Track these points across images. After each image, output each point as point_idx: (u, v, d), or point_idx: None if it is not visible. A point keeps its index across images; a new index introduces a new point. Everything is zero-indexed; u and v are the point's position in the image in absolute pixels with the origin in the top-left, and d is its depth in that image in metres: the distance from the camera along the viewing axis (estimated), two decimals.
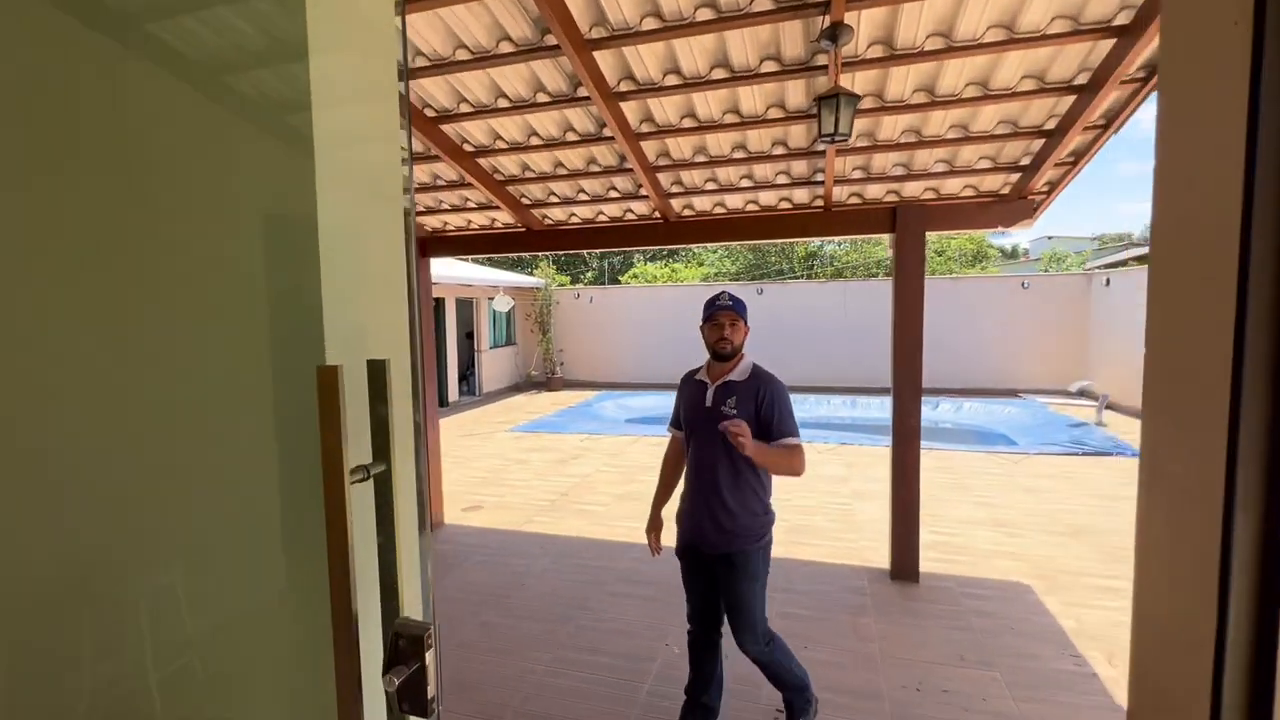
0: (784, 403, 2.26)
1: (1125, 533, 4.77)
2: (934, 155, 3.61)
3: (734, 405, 2.26)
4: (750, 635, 2.33)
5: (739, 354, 2.36)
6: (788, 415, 2.26)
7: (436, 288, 11.23)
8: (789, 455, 2.23)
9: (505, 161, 4.02)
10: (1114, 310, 10.69)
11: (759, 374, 2.31)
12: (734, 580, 2.30)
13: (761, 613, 2.35)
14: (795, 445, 2.23)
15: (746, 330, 2.37)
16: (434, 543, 4.81)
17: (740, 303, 2.35)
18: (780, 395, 2.26)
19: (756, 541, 2.31)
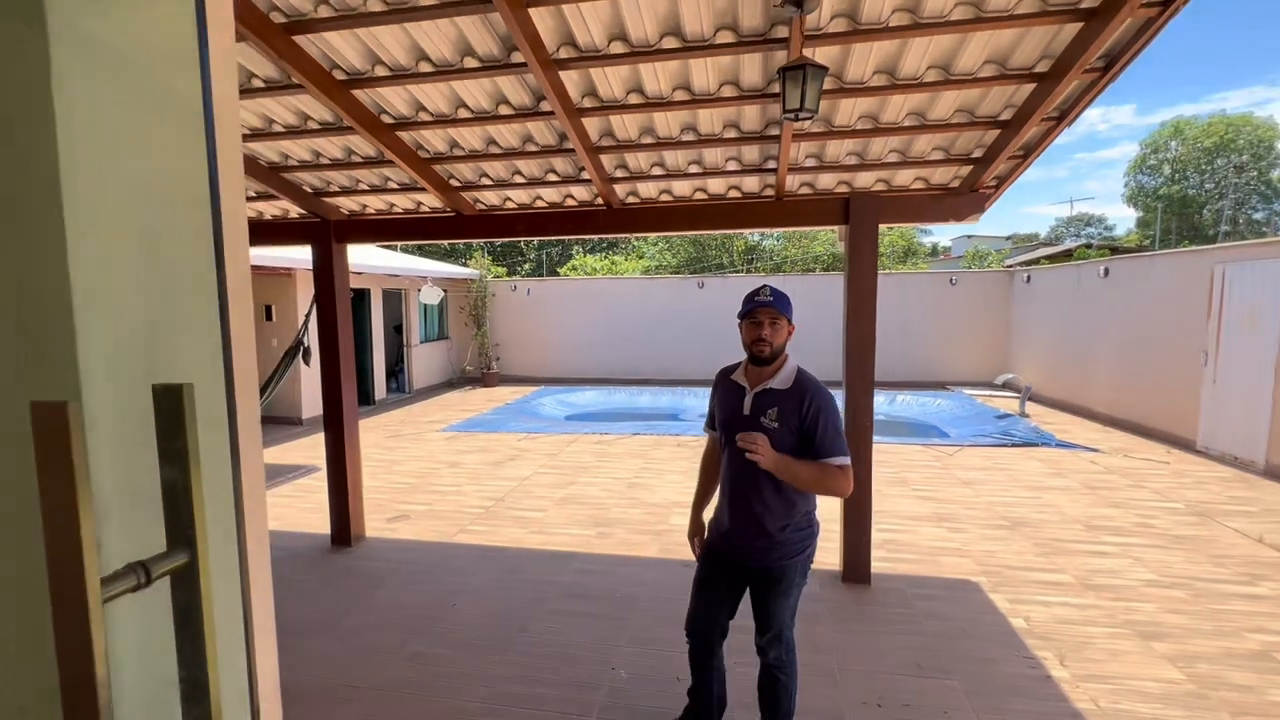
0: (831, 418, 2.00)
1: (1057, 524, 4.88)
2: (889, 145, 3.47)
3: (775, 418, 2.02)
4: (774, 641, 2.22)
5: (781, 357, 2.10)
6: (835, 432, 2.00)
7: (359, 278, 10.47)
8: (824, 474, 1.97)
9: (430, 136, 3.60)
10: (1034, 305, 11.22)
11: (804, 383, 2.06)
12: (770, 595, 2.17)
13: (790, 624, 2.23)
14: (840, 466, 1.97)
15: (791, 330, 2.11)
16: (353, 560, 4.34)
17: (783, 297, 2.08)
18: (828, 409, 2.00)
19: (796, 556, 2.13)
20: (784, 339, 2.10)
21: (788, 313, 2.08)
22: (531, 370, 13.98)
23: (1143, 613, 3.50)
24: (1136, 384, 8.18)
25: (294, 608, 3.67)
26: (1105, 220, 37.14)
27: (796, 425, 2.01)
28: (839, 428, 2.03)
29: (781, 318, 2.07)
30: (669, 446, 7.69)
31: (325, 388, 4.50)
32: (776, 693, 2.30)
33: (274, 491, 5.61)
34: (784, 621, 2.19)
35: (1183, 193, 31.42)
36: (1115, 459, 6.81)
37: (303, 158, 3.92)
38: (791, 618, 2.22)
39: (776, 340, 2.07)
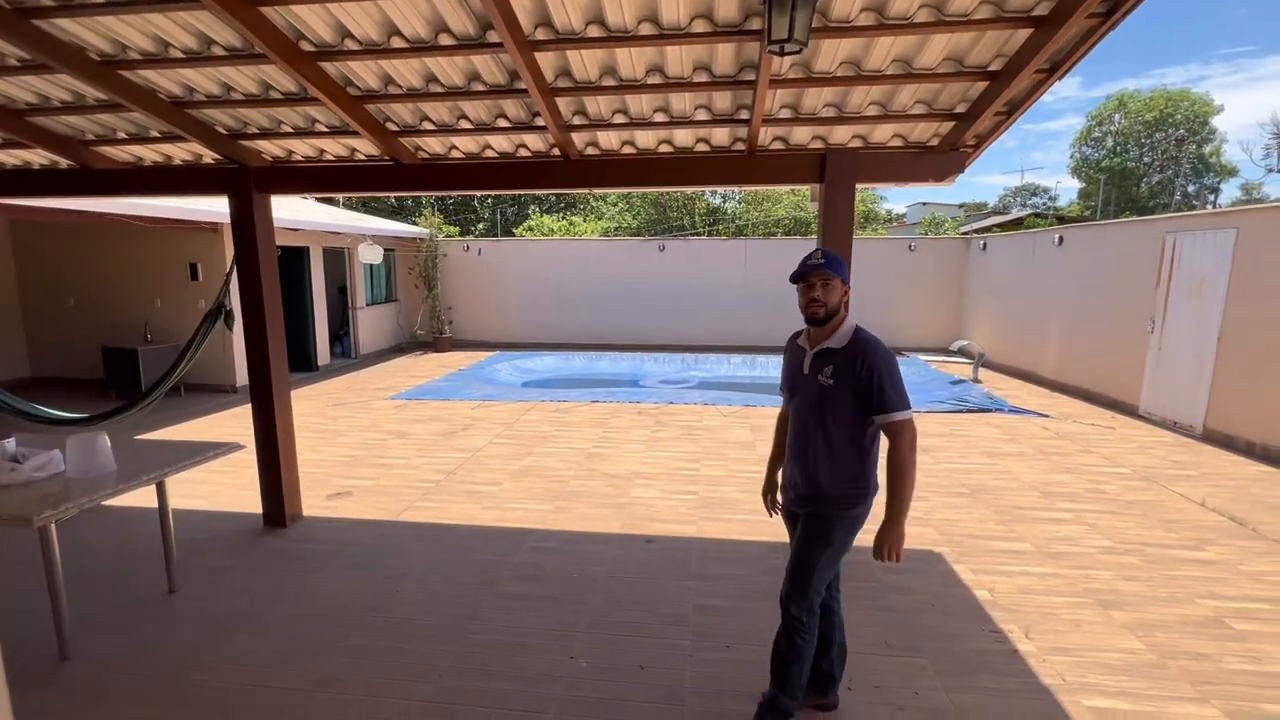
0: (887, 374, 2.04)
1: (1015, 491, 4.92)
2: (870, 96, 3.22)
3: (831, 375, 2.11)
4: (798, 595, 2.21)
5: (837, 317, 2.16)
6: (889, 387, 2.04)
7: (296, 235, 9.72)
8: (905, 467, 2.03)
9: (359, 69, 3.14)
10: (988, 272, 11.37)
11: (859, 341, 2.11)
12: (807, 540, 2.21)
13: (820, 585, 2.22)
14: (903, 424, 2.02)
15: (845, 290, 2.17)
16: (287, 542, 4.00)
17: (835, 259, 2.15)
18: (883, 365, 2.05)
19: (842, 509, 2.16)
20: (838, 299, 2.15)
21: (841, 273, 2.14)
22: (486, 335, 13.49)
23: (1101, 580, 3.52)
24: (1085, 351, 8.39)
25: (218, 599, 3.33)
26: (1050, 191, 38.19)
27: (852, 383, 2.07)
28: (895, 383, 2.05)
29: (834, 279, 2.13)
30: (629, 414, 7.49)
31: (250, 355, 4.06)
32: (791, 658, 2.25)
33: (203, 467, 5.12)
34: (811, 576, 2.18)
35: (1123, 165, 32.50)
36: (1065, 424, 6.97)
37: (211, 91, 3.40)
38: (823, 579, 2.20)
39: (830, 300, 2.13)
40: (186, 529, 4.15)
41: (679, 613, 3.18)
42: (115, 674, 2.70)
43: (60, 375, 9.15)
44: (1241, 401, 5.98)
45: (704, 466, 5.52)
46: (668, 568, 3.67)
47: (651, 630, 3.03)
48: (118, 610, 3.21)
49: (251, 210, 3.92)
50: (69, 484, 2.83)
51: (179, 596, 3.35)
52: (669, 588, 3.43)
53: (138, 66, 3.10)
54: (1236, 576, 3.57)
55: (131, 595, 3.36)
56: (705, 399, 8.34)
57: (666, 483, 5.10)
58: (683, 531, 4.17)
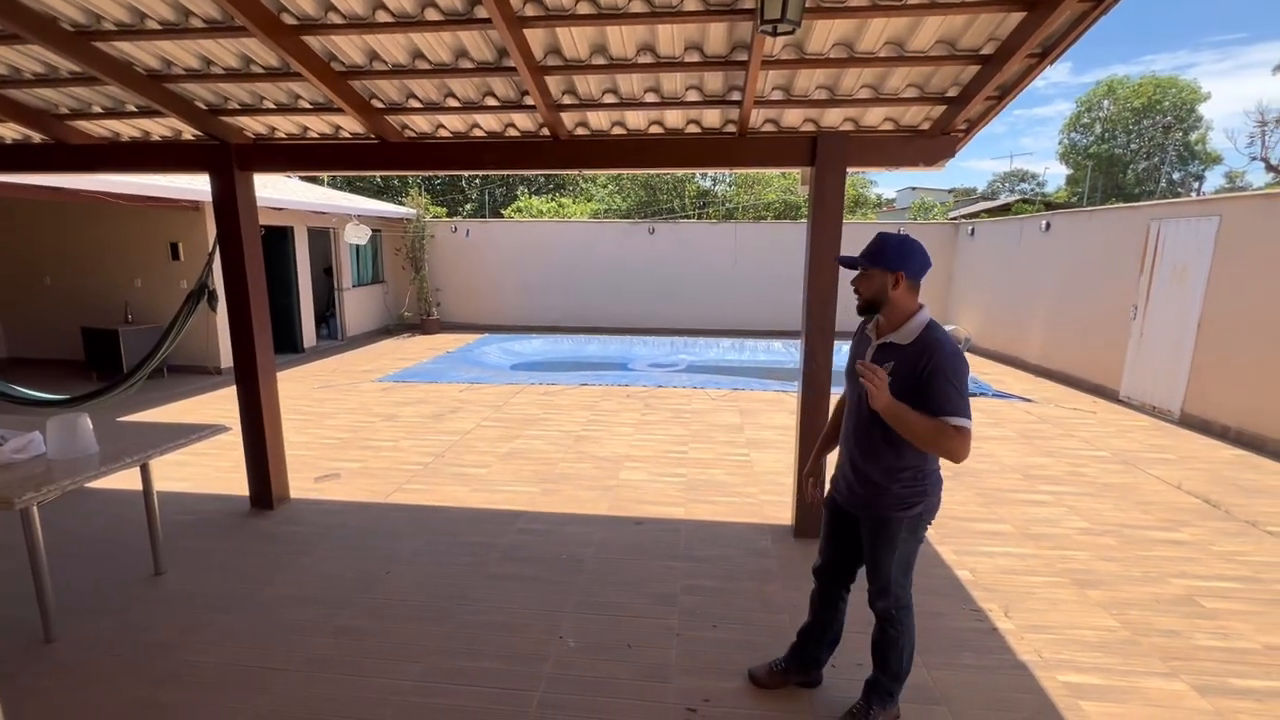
0: (949, 378, 1.89)
1: (997, 474, 5.00)
2: (862, 78, 3.20)
3: (891, 371, 1.97)
4: (882, 597, 2.21)
5: (904, 310, 2.03)
6: (951, 394, 1.88)
7: (281, 215, 9.56)
8: (938, 430, 1.86)
9: (343, 44, 3.07)
10: (975, 258, 11.44)
11: (927, 340, 1.96)
12: (875, 544, 2.18)
13: (902, 579, 2.19)
14: (959, 427, 1.85)
15: (894, 278, 2.00)
16: (275, 525, 3.99)
17: (878, 247, 2.03)
18: (946, 369, 1.89)
19: (900, 509, 2.09)
20: (874, 289, 2.03)
21: (880, 263, 2.02)
22: (474, 317, 13.40)
23: (1078, 561, 3.61)
24: (1068, 336, 8.49)
25: (206, 580, 3.32)
26: (1039, 177, 38.33)
27: (913, 383, 1.93)
28: (958, 390, 1.89)
29: (871, 269, 2.03)
30: (618, 397, 7.50)
31: (234, 336, 4.00)
32: (885, 647, 2.28)
33: (188, 450, 5.06)
34: (890, 575, 2.17)
35: (1110, 152, 32.65)
36: (1047, 409, 7.08)
37: (189, 65, 3.30)
38: (903, 574, 2.19)
39: (865, 290, 2.05)
40: (172, 511, 4.13)
41: (667, 593, 3.22)
42: (103, 655, 2.70)
43: (38, 356, 8.99)
44: (1218, 387, 6.10)
45: (692, 449, 5.55)
46: (656, 549, 3.70)
47: (639, 610, 3.07)
48: (104, 592, 3.19)
49: (234, 188, 3.84)
50: (50, 466, 2.79)
51: (166, 578, 3.33)
52: (657, 569, 3.47)
53: (113, 38, 3.01)
54: (1208, 556, 3.67)
55: (117, 577, 3.34)
56: (694, 382, 8.37)
57: (655, 465, 5.13)
58: (671, 514, 4.20)
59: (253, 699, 2.44)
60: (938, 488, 2.14)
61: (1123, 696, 2.50)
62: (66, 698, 2.44)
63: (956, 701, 2.47)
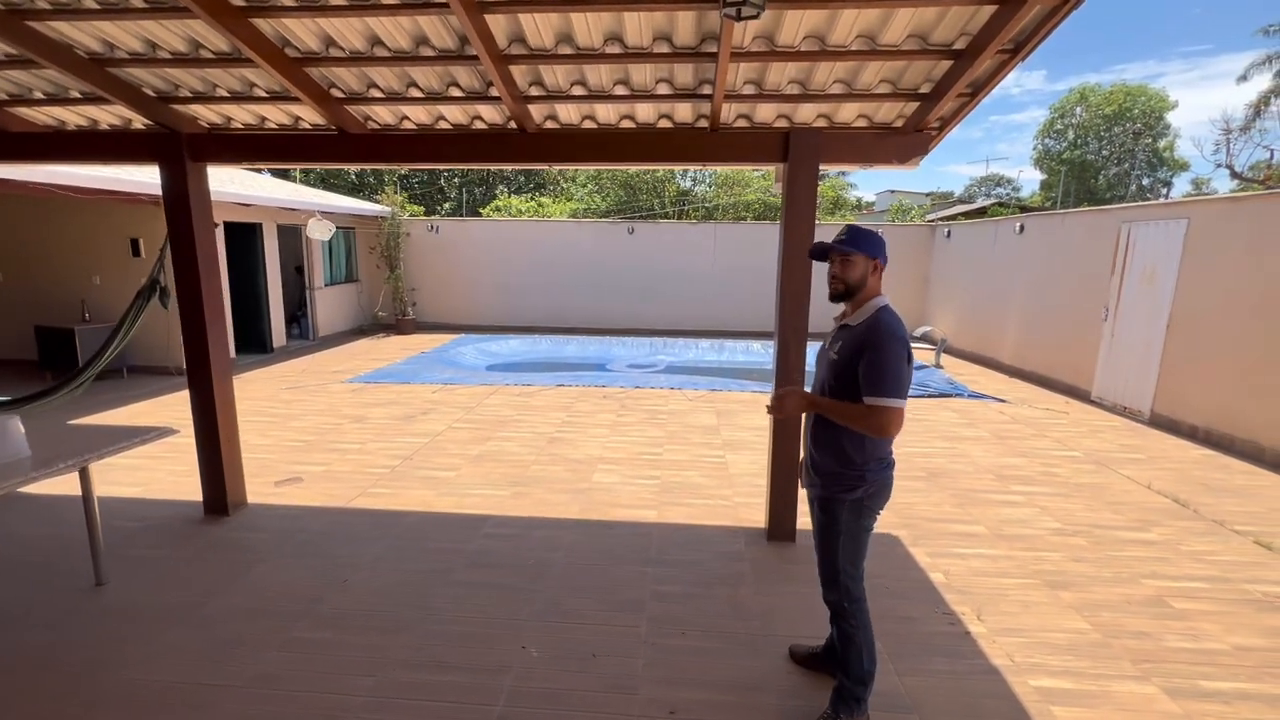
0: (880, 360, 1.96)
1: (971, 474, 4.99)
2: (834, 73, 3.14)
3: (838, 350, 2.10)
4: (830, 585, 2.24)
5: (863, 292, 2.11)
6: (877, 374, 1.95)
7: (248, 210, 9.28)
8: (848, 410, 2.02)
9: (295, 28, 2.94)
10: (952, 260, 11.53)
11: (874, 323, 2.04)
12: (821, 529, 2.23)
13: (851, 570, 2.21)
14: (873, 406, 1.95)
15: (872, 264, 2.09)
16: (229, 531, 3.82)
17: (859, 234, 2.10)
18: (879, 351, 1.96)
19: (845, 492, 2.13)
20: (858, 275, 2.10)
21: (864, 249, 2.08)
22: (451, 317, 13.20)
23: (1050, 562, 3.59)
24: (1042, 337, 8.58)
25: (150, 591, 3.15)
26: (1014, 181, 38.98)
27: (854, 360, 2.02)
28: (882, 368, 1.95)
29: (854, 254, 2.08)
30: (594, 398, 7.39)
31: (186, 336, 3.83)
32: (844, 646, 2.26)
33: (139, 452, 4.90)
34: (837, 564, 2.20)
35: (1083, 158, 33.32)
36: (1020, 409, 7.13)
37: (133, 48, 3.14)
38: (851, 563, 2.20)
39: (849, 276, 2.11)
40: (120, 517, 3.94)
41: (635, 599, 3.13)
42: (31, 673, 2.53)
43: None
44: (1187, 387, 6.18)
45: (667, 451, 5.47)
46: (626, 553, 3.61)
47: (605, 617, 2.97)
48: (40, 604, 3.01)
49: (185, 180, 3.67)
50: None
51: (107, 589, 3.16)
52: (626, 574, 3.37)
53: (47, 17, 2.84)
54: (1178, 556, 3.68)
55: (56, 588, 3.16)
56: (672, 383, 8.29)
57: (629, 467, 5.04)
58: (643, 517, 4.11)
59: (190, 716, 2.29)
60: (880, 472, 2.14)
61: (1094, 701, 2.46)
62: None
63: (927, 709, 2.41)
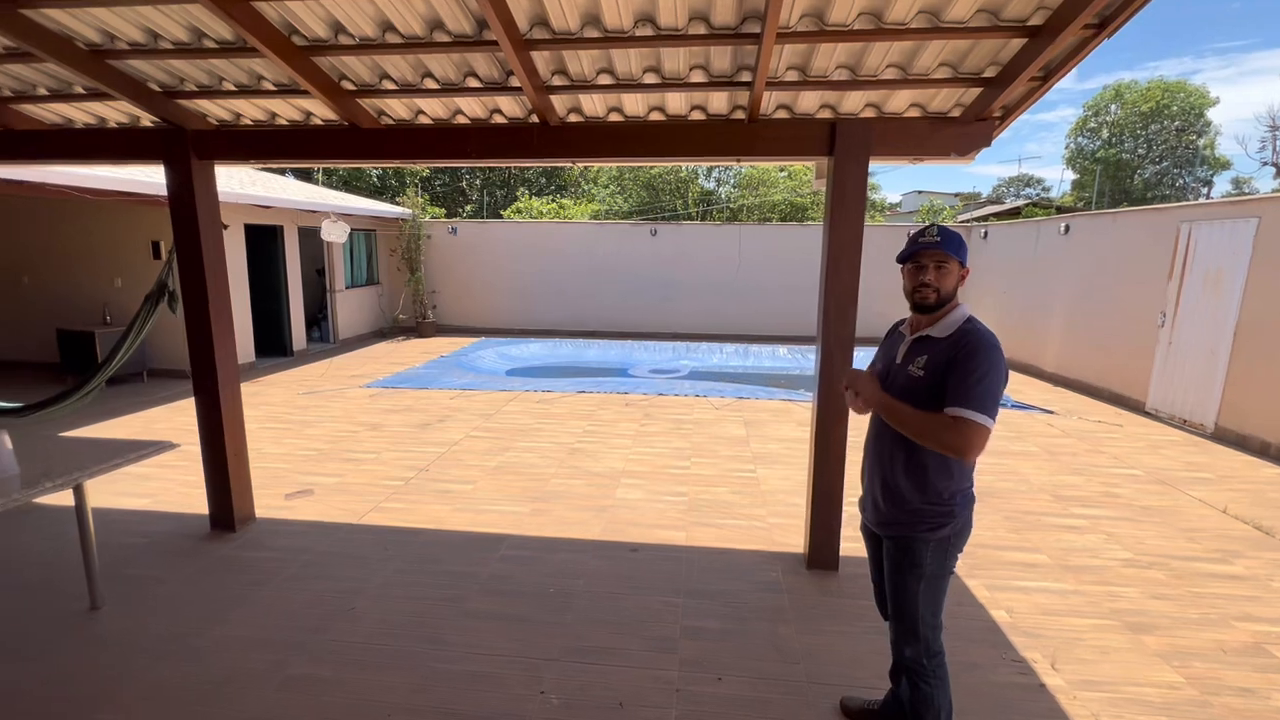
0: (978, 369, 1.69)
1: (1025, 494, 4.62)
2: (888, 56, 2.83)
3: (923, 366, 1.81)
4: (908, 639, 1.94)
5: (950, 304, 1.86)
6: (972, 385, 1.68)
7: (268, 213, 9.21)
8: (929, 422, 1.72)
9: (300, 11, 2.71)
10: (988, 262, 11.04)
11: (965, 331, 1.79)
12: (895, 572, 1.93)
13: (931, 620, 1.92)
14: (957, 418, 1.67)
15: (964, 274, 1.86)
16: (234, 549, 3.62)
17: (954, 237, 1.82)
18: (977, 360, 1.70)
19: (927, 530, 1.85)
20: (953, 284, 1.85)
21: (960, 255, 1.84)
22: (471, 320, 13.05)
23: (1126, 599, 3.22)
24: (1089, 344, 8.10)
25: (146, 617, 2.95)
26: (1044, 181, 37.91)
27: (943, 374, 1.76)
28: (979, 379, 1.69)
29: (951, 260, 1.82)
30: (615, 406, 7.13)
31: (192, 343, 3.65)
32: (920, 708, 1.97)
33: (152, 461, 4.75)
34: (916, 612, 1.91)
35: (1118, 156, 32.24)
36: (1069, 421, 6.69)
37: (133, 38, 2.95)
38: (932, 612, 1.92)
39: (944, 285, 1.84)
40: (123, 533, 3.77)
41: (665, 636, 2.85)
42: (20, 714, 2.33)
43: (12, 358, 8.64)
44: (1257, 399, 5.70)
45: (694, 464, 5.18)
46: (653, 581, 3.33)
47: (633, 658, 2.69)
48: (28, 630, 2.83)
49: (190, 179, 3.48)
50: None
51: (101, 615, 2.96)
52: (654, 605, 3.09)
53: (40, 4, 2.65)
54: (1271, 595, 3.29)
55: (48, 612, 2.97)
56: (697, 390, 7.99)
57: (654, 482, 4.75)
58: (671, 538, 3.83)
59: None
60: (967, 507, 1.88)
61: None
62: None
63: None
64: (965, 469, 1.84)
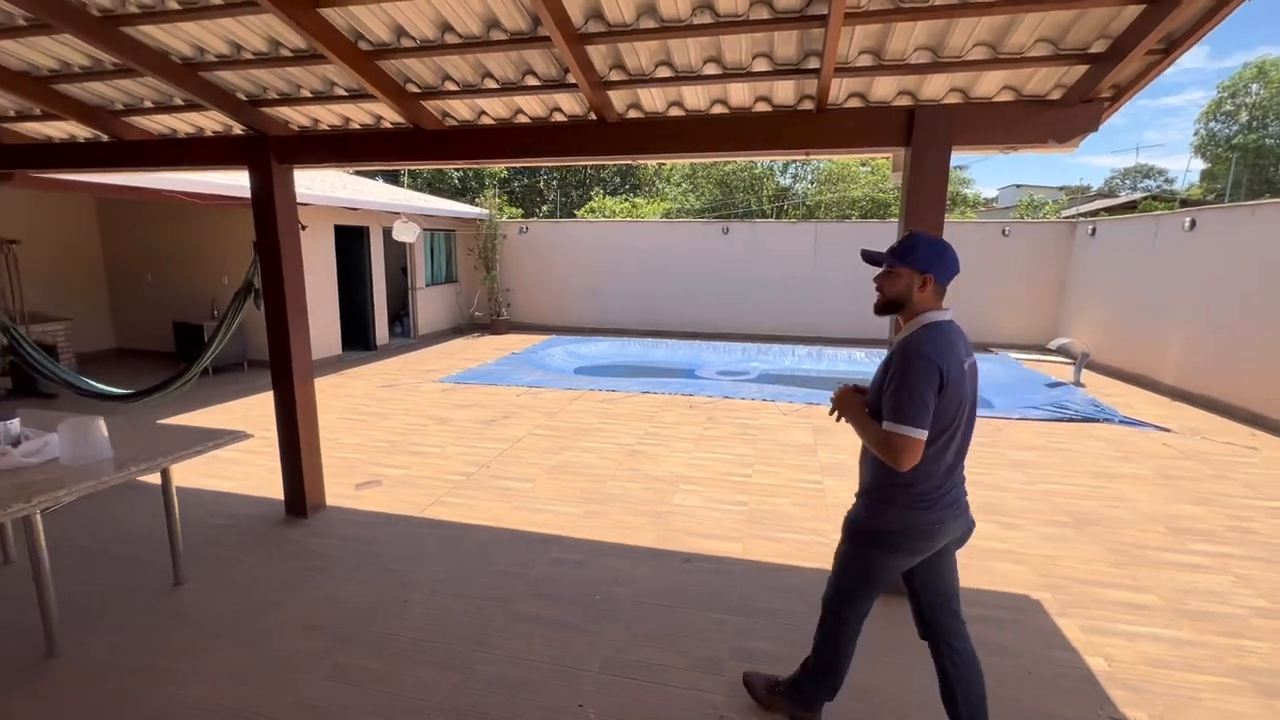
0: (902, 380, 1.79)
1: (1132, 524, 4.10)
2: (975, 34, 2.55)
3: (880, 367, 1.95)
4: (829, 589, 2.19)
5: (910, 307, 1.94)
6: (895, 397, 1.79)
7: (355, 214, 9.74)
8: (874, 435, 1.86)
9: (364, 16, 2.77)
10: (1097, 261, 10.05)
11: (909, 340, 1.87)
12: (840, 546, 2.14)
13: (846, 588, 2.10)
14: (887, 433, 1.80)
15: (924, 280, 1.91)
16: (303, 535, 3.79)
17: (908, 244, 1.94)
18: (903, 371, 1.80)
19: (864, 515, 2.02)
20: (900, 289, 1.94)
21: (911, 262, 1.92)
22: (543, 318, 13.30)
23: (1258, 655, 2.76)
24: (1218, 354, 7.16)
25: (220, 595, 3.13)
26: (1166, 172, 34.20)
27: (881, 384, 1.90)
28: (895, 389, 1.80)
29: (898, 267, 1.94)
30: (679, 408, 7.00)
31: (271, 338, 3.86)
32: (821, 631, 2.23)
33: (239, 447, 5.09)
34: (836, 575, 2.14)
35: (1260, 142, 28.57)
36: (1190, 441, 5.93)
37: (220, 50, 3.13)
38: (847, 586, 2.09)
39: (888, 290, 1.97)
40: (210, 513, 4.05)
41: (712, 656, 2.70)
42: (97, 677, 2.52)
43: (140, 348, 9.60)
44: None
45: (756, 472, 4.97)
46: (704, 595, 3.19)
47: (676, 677, 2.57)
48: (119, 602, 3.06)
49: (271, 183, 3.68)
50: (62, 471, 2.65)
51: (183, 590, 3.17)
52: (703, 622, 2.95)
53: (138, 21, 2.85)
54: None
55: (138, 585, 3.22)
56: (764, 394, 7.73)
57: (712, 489, 4.60)
58: (726, 550, 3.67)
59: None
60: (893, 506, 1.94)
61: None
62: None
63: None
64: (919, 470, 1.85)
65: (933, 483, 1.89)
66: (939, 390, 1.77)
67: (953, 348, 1.82)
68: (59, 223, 8.93)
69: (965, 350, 1.89)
